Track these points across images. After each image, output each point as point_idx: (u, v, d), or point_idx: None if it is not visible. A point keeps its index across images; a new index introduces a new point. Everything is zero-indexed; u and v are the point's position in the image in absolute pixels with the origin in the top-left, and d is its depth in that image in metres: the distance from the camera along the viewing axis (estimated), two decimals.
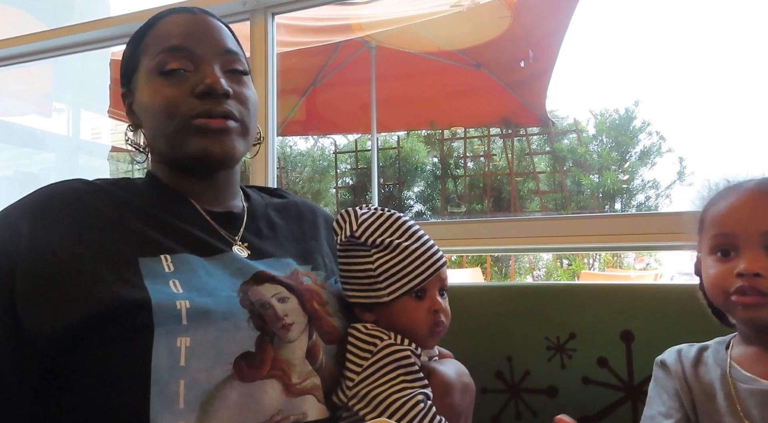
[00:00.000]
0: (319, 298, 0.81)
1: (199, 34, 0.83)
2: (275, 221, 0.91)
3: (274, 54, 1.71)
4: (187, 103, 0.79)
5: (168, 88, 0.80)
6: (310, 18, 3.12)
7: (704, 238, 0.85)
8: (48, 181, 0.83)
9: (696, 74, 9.34)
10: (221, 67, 0.82)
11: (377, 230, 0.81)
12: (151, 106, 0.81)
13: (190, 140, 0.79)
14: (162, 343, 0.66)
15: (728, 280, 0.78)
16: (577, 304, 1.11)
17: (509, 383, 1.12)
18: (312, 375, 0.75)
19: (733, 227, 0.80)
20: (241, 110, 0.82)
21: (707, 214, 0.85)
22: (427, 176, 6.73)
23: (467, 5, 3.20)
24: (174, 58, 0.80)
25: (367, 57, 4.02)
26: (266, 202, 0.94)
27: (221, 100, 0.80)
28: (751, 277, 0.76)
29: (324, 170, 6.92)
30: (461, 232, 1.47)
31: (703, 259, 0.84)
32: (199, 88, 0.78)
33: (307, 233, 0.94)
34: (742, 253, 0.79)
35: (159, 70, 0.80)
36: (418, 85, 4.42)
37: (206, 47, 0.82)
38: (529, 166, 6.17)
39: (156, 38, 0.83)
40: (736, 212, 0.80)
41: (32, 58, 2.00)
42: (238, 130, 0.82)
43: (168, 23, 0.84)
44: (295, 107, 4.46)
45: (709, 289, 0.82)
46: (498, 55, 4.06)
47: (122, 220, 0.76)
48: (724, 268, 0.80)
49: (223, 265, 0.77)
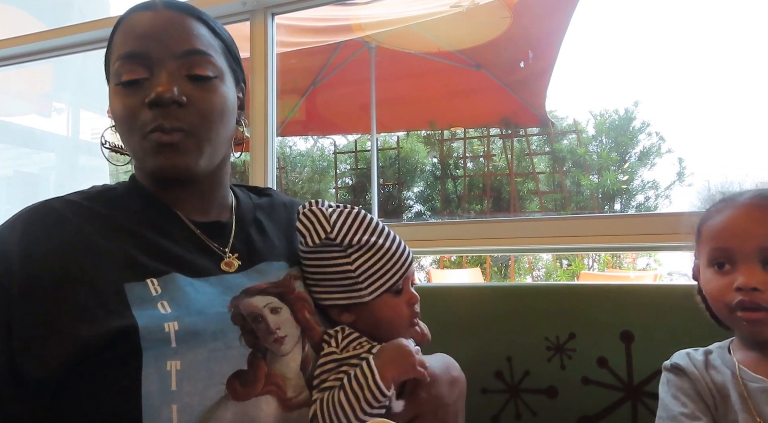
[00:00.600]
0: (310, 308, 0.80)
1: (157, 35, 0.76)
2: (264, 224, 0.89)
3: (273, 54, 1.71)
4: (142, 115, 0.74)
5: (125, 99, 0.76)
6: (310, 18, 3.12)
7: (702, 248, 0.86)
8: (48, 181, 0.82)
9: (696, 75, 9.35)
10: (181, 70, 0.76)
11: (351, 229, 0.78)
12: (115, 117, 0.78)
13: (147, 157, 0.76)
14: (151, 368, 0.65)
15: (728, 294, 0.80)
16: (577, 305, 1.11)
17: (509, 383, 1.12)
18: (306, 388, 0.74)
19: (729, 242, 0.81)
20: (194, 121, 0.75)
21: (704, 226, 0.87)
22: (426, 176, 6.73)
23: (467, 6, 3.20)
24: (129, 66, 0.76)
25: (366, 57, 4.02)
26: (254, 203, 0.92)
27: (172, 110, 0.74)
28: (750, 291, 0.78)
29: (324, 170, 6.92)
30: (461, 232, 1.47)
31: (702, 268, 0.86)
32: (149, 98, 0.73)
33: (296, 234, 0.90)
34: (739, 267, 0.80)
35: (117, 79, 0.76)
36: (417, 85, 4.42)
37: (162, 50, 0.76)
38: (528, 166, 6.17)
39: (117, 43, 0.79)
40: (733, 228, 0.82)
41: (32, 57, 2.00)
42: (191, 144, 0.76)
43: (127, 25, 0.79)
44: (295, 107, 4.46)
45: (711, 302, 0.84)
46: (498, 55, 4.06)
47: (107, 242, 0.73)
48: (723, 281, 0.81)
49: (212, 284, 0.75)
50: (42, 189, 5.32)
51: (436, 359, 0.83)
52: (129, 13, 0.80)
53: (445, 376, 0.81)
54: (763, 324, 0.79)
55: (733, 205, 0.85)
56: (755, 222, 0.82)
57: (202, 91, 0.77)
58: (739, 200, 0.85)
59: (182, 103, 0.74)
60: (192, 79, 0.77)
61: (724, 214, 0.85)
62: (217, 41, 0.82)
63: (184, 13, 0.79)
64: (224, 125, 0.80)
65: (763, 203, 0.83)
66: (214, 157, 0.80)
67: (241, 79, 0.87)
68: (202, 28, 0.80)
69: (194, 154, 0.76)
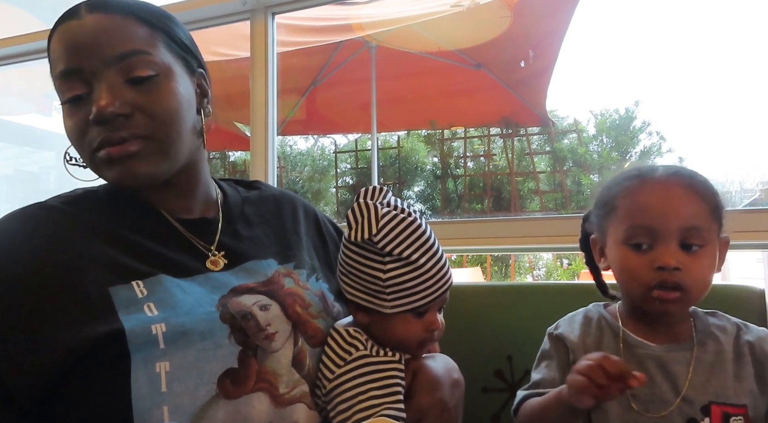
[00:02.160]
0: (302, 301, 0.79)
1: (86, 45, 0.72)
2: (253, 219, 0.87)
3: (274, 53, 1.71)
4: (88, 133, 0.73)
5: (72, 118, 0.74)
6: (310, 18, 3.11)
7: (615, 224, 0.84)
8: (48, 179, 0.82)
9: (696, 75, 9.36)
10: (119, 77, 0.72)
11: (396, 238, 0.73)
12: (67, 136, 0.76)
13: (103, 172, 0.75)
14: (140, 371, 0.64)
15: (648, 274, 0.79)
16: (577, 304, 1.11)
17: (509, 382, 1.12)
18: (300, 382, 0.74)
19: (652, 221, 0.80)
20: (147, 125, 0.72)
21: (622, 201, 0.84)
22: (427, 176, 6.72)
23: (467, 5, 3.20)
24: (66, 84, 0.73)
25: (367, 57, 4.01)
26: (242, 197, 0.90)
27: (119, 123, 0.71)
28: (672, 271, 0.78)
29: (324, 170, 6.91)
30: (461, 232, 1.47)
31: (613, 245, 0.85)
32: (92, 115, 0.71)
33: (287, 227, 0.90)
34: (658, 247, 0.79)
35: (61, 97, 0.74)
36: (418, 84, 4.41)
37: (94, 60, 0.71)
38: (529, 165, 6.16)
39: (52, 60, 0.76)
40: (656, 206, 0.80)
41: (32, 57, 2.00)
42: (148, 149, 0.73)
43: (56, 40, 0.74)
44: (295, 107, 4.46)
45: (626, 280, 0.83)
46: (498, 54, 4.06)
47: (89, 246, 0.71)
48: (641, 261, 0.80)
49: (198, 283, 0.74)
50: (42, 188, 5.32)
51: (438, 361, 0.82)
52: (56, 26, 0.75)
53: (447, 379, 0.80)
54: (676, 303, 0.79)
55: (654, 181, 0.83)
56: (678, 201, 0.80)
57: (147, 94, 0.73)
58: (659, 176, 0.83)
59: (127, 114, 0.71)
60: (133, 82, 0.72)
61: (645, 191, 0.83)
62: (156, 33, 0.76)
63: (110, 12, 0.73)
64: (180, 122, 0.75)
65: (685, 182, 0.82)
66: (178, 156, 0.77)
67: (196, 65, 0.82)
68: (134, 24, 0.74)
69: (153, 159, 0.74)
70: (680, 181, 0.82)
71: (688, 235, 0.79)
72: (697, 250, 0.79)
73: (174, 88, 0.75)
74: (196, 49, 0.83)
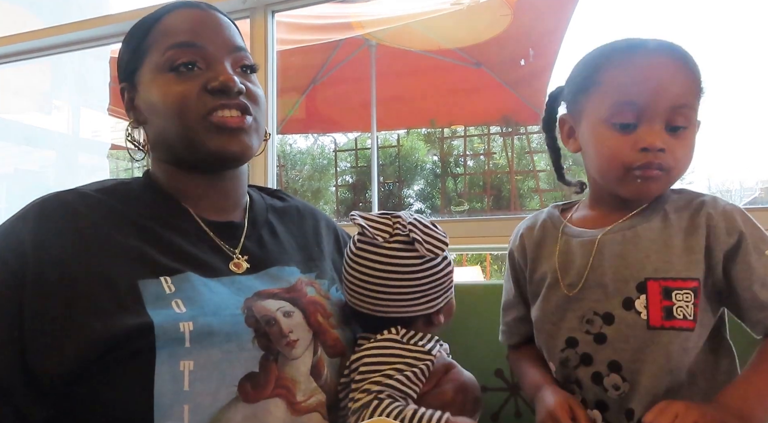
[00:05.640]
0: (323, 311, 0.80)
1: (209, 31, 0.80)
2: (277, 227, 0.89)
3: (273, 52, 1.71)
4: (201, 99, 0.76)
5: (179, 85, 0.77)
6: (310, 16, 3.11)
7: (595, 101, 0.78)
8: (48, 178, 0.82)
9: None
10: (232, 64, 0.80)
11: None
12: (161, 104, 0.77)
13: (207, 137, 0.76)
14: (165, 368, 0.65)
15: (630, 155, 0.75)
16: None
17: (509, 381, 1.12)
18: (317, 392, 0.74)
19: (641, 98, 0.74)
20: (254, 107, 0.80)
21: (606, 74, 0.78)
22: (427, 174, 6.72)
23: (467, 3, 3.20)
24: (185, 54, 0.77)
25: (367, 55, 4.01)
26: (267, 204, 0.92)
27: (235, 97, 0.78)
28: (656, 152, 0.74)
29: (324, 168, 6.91)
30: (461, 230, 1.47)
31: (590, 125, 0.79)
32: (212, 85, 0.76)
33: (309, 239, 0.91)
34: (642, 127, 0.75)
35: (169, 66, 0.77)
36: (418, 83, 4.41)
37: (217, 44, 0.79)
38: (529, 164, 6.16)
39: (163, 33, 0.80)
40: (647, 82, 0.74)
41: (31, 55, 2.00)
42: (254, 127, 0.80)
43: (175, 18, 0.81)
44: (295, 105, 4.45)
45: (603, 164, 0.78)
46: (498, 53, 4.05)
47: (120, 237, 0.72)
48: (624, 141, 0.75)
49: (224, 284, 0.75)
50: (42, 187, 5.33)
51: (469, 375, 0.84)
52: (173, 8, 0.83)
53: (472, 390, 0.82)
54: (657, 181, 0.76)
55: (645, 54, 0.76)
56: (672, 77, 0.75)
57: (253, 83, 0.82)
58: (652, 49, 0.76)
59: (243, 92, 0.78)
60: (243, 70, 0.82)
61: (635, 64, 0.76)
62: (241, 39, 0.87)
63: (223, 15, 0.85)
64: (265, 116, 0.86)
65: (679, 56, 0.76)
66: (260, 146, 0.84)
67: None
68: (236, 29, 0.86)
69: (254, 137, 0.80)
70: (674, 54, 0.76)
71: (675, 114, 0.74)
72: (681, 132, 0.75)
73: (260, 85, 0.86)
74: None
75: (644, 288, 0.76)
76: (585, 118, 0.80)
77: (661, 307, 0.75)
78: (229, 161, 0.80)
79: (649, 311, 0.75)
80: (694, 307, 0.75)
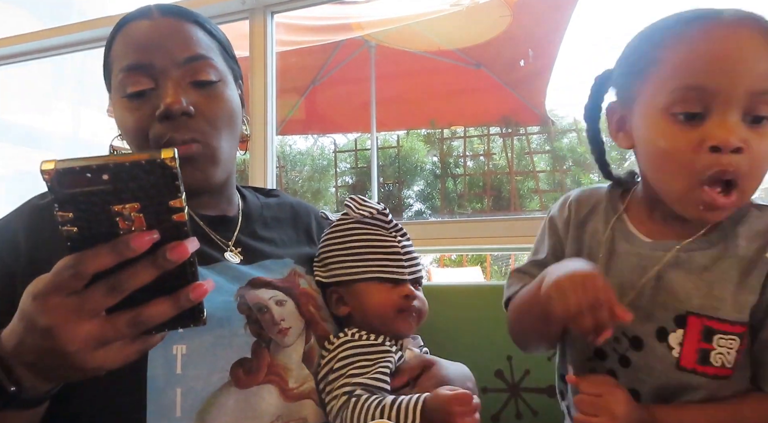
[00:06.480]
0: (315, 303, 0.81)
1: (158, 44, 0.75)
2: (271, 222, 0.90)
3: (273, 53, 1.71)
4: (152, 128, 0.74)
5: (132, 113, 0.75)
6: (309, 17, 3.11)
7: (653, 85, 0.61)
8: None
9: None
10: (185, 78, 0.75)
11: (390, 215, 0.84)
12: (123, 130, 0.78)
13: None
14: (157, 352, 0.65)
15: (694, 158, 0.58)
16: None
17: (509, 382, 1.12)
18: (309, 379, 0.75)
19: (711, 81, 0.57)
20: (204, 130, 0.75)
21: (668, 52, 0.61)
22: (426, 175, 6.72)
23: (467, 4, 3.20)
24: (133, 77, 0.75)
25: (366, 56, 4.01)
26: (261, 202, 0.93)
27: (182, 121, 0.73)
28: (729, 153, 0.56)
29: (323, 169, 6.91)
30: (461, 231, 1.47)
31: (646, 115, 0.62)
32: (159, 112, 0.72)
33: (302, 236, 0.93)
34: (712, 118, 0.57)
35: (122, 90, 0.75)
36: (417, 84, 4.42)
37: (165, 58, 0.74)
38: (528, 165, 6.16)
39: (118, 53, 0.77)
40: (720, 61, 0.57)
41: (31, 56, 2.00)
42: (205, 155, 0.75)
43: (127, 35, 0.77)
44: (295, 106, 4.45)
45: (662, 169, 0.62)
46: (498, 54, 4.06)
47: None
48: (687, 137, 0.58)
49: (217, 272, 0.76)
50: (42, 188, 5.32)
51: (454, 366, 0.83)
52: (125, 22, 0.78)
53: (459, 383, 0.80)
54: (724, 212, 0.59)
55: (720, 26, 0.58)
56: (752, 54, 0.57)
57: (209, 98, 0.76)
58: (727, 20, 0.58)
59: (191, 114, 0.74)
60: (196, 85, 0.76)
61: (707, 39, 0.58)
62: (214, 42, 0.81)
63: (181, 18, 0.78)
64: (233, 129, 0.79)
65: (762, 30, 0.58)
66: (227, 165, 0.80)
67: (239, 76, 0.87)
68: (200, 32, 0.79)
69: (210, 167, 0.76)
70: (756, 26, 0.58)
71: (757, 102, 0.57)
72: (766, 124, 0.58)
73: (230, 96, 0.79)
74: (237, 62, 0.88)
75: (683, 322, 0.64)
76: (639, 107, 0.64)
77: (697, 349, 0.64)
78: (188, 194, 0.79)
79: (682, 350, 0.64)
80: (737, 353, 0.63)
